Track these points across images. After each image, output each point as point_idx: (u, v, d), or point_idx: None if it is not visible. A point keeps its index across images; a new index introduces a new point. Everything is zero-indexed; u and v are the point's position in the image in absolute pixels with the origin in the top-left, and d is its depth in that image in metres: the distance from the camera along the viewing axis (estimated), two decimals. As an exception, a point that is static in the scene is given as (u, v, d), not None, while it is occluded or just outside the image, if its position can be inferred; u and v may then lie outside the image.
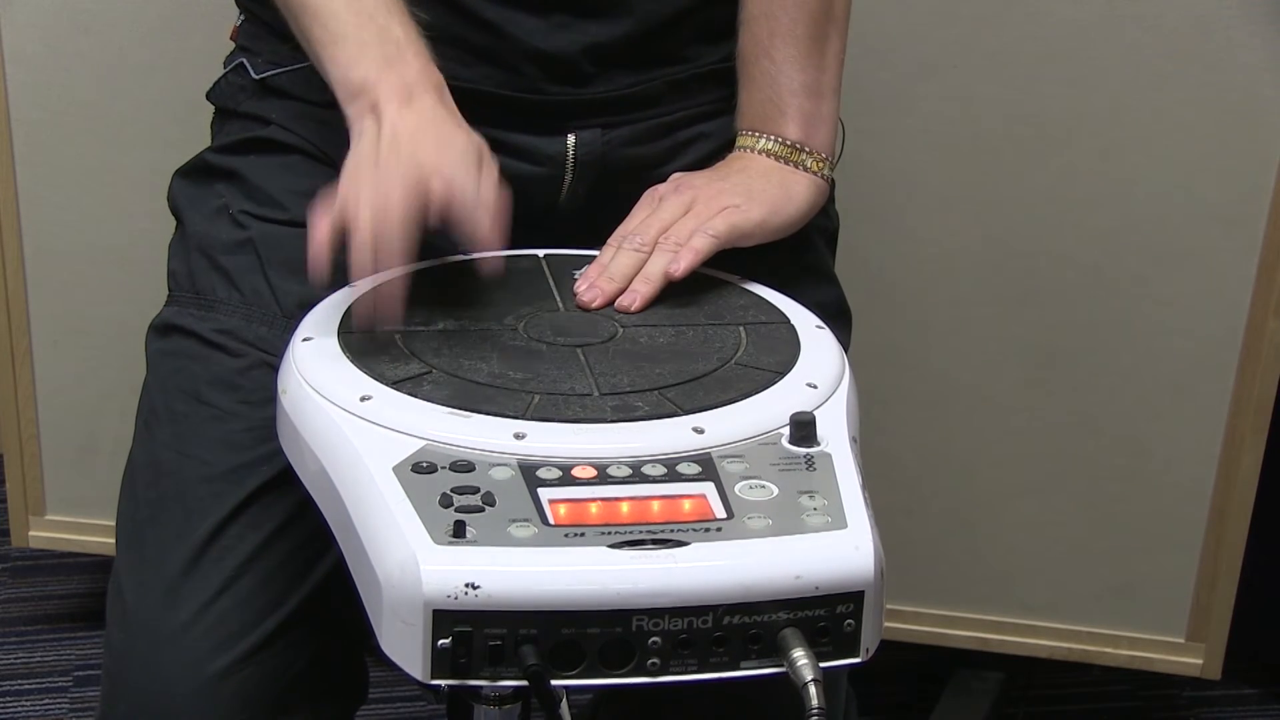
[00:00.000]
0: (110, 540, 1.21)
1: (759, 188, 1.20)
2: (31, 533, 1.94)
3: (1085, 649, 1.85)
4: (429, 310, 1.08)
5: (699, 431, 0.97)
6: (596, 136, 1.24)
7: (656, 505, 0.91)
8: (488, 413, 0.97)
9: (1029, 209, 1.70)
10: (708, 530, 0.89)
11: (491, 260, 1.12)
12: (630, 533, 0.89)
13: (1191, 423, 1.75)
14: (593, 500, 0.91)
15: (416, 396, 0.98)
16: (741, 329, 1.10)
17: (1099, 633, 1.85)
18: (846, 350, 1.13)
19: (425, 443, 0.94)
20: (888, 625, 1.24)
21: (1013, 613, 1.85)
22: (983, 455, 1.80)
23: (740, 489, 0.93)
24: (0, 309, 1.83)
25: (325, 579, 1.14)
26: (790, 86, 1.22)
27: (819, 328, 1.11)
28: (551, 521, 0.89)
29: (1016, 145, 1.68)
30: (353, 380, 1.00)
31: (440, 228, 1.06)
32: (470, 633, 0.86)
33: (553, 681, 0.87)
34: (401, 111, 1.09)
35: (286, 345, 1.06)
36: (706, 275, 1.18)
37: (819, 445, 0.97)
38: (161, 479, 1.16)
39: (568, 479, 0.92)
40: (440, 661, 0.86)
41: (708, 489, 0.92)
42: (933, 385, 1.78)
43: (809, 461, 0.95)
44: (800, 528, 0.90)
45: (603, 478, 0.92)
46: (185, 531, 1.13)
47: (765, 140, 1.22)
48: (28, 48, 1.74)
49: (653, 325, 1.10)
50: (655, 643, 0.87)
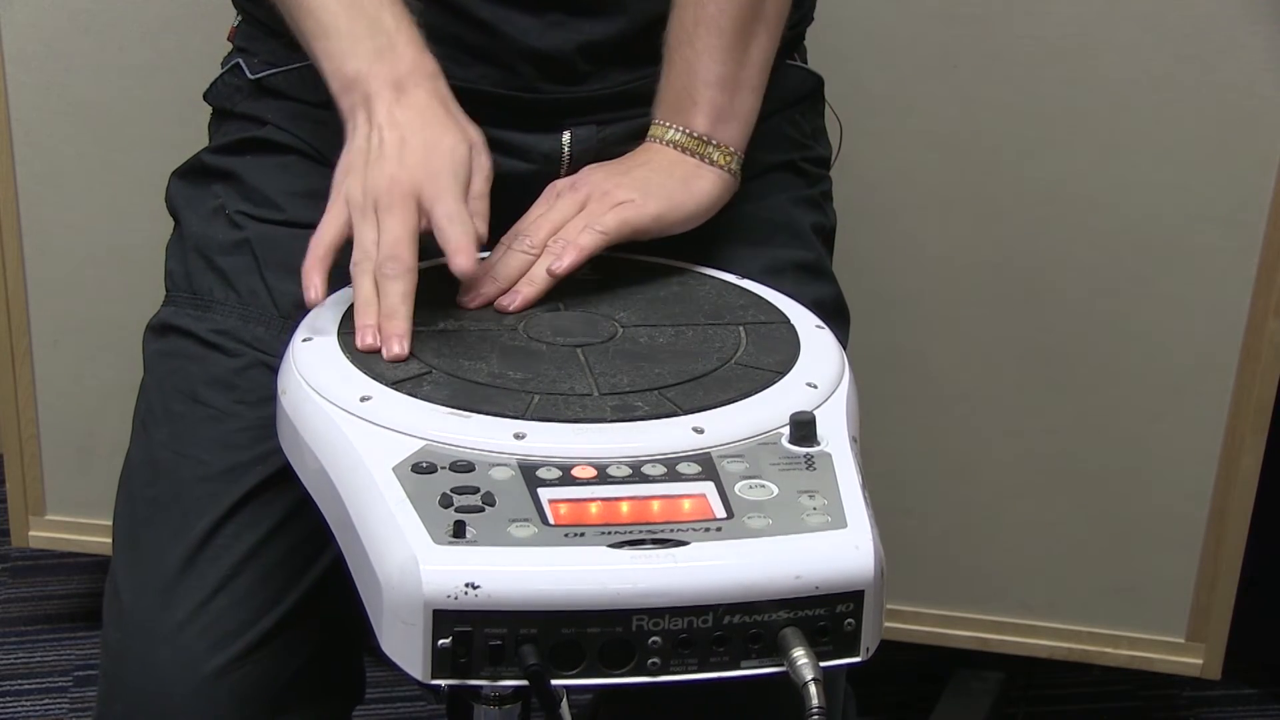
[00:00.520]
0: (110, 540, 1.21)
1: (657, 182, 1.18)
2: (31, 533, 1.94)
3: (1085, 649, 1.85)
4: (429, 310, 1.07)
5: (699, 431, 0.96)
6: (591, 134, 1.24)
7: (656, 505, 0.91)
8: (487, 413, 0.97)
9: (1029, 209, 1.70)
10: (708, 530, 0.89)
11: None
12: (630, 532, 0.88)
13: (1191, 423, 1.75)
14: (593, 500, 0.91)
15: (416, 397, 0.98)
16: (741, 329, 1.10)
17: (1099, 633, 1.84)
18: (845, 349, 1.13)
19: (425, 443, 0.94)
20: (888, 625, 1.24)
21: (1013, 613, 1.85)
22: (983, 455, 1.80)
23: (740, 489, 0.92)
24: (0, 309, 1.83)
25: (322, 578, 1.14)
26: (706, 77, 1.20)
27: (819, 327, 1.11)
28: (551, 521, 0.89)
29: (1016, 145, 1.68)
30: (352, 380, 1.00)
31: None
32: (470, 633, 0.86)
33: (553, 681, 0.86)
34: (392, 108, 1.09)
35: (286, 346, 1.06)
36: (706, 275, 1.18)
37: (819, 445, 0.97)
38: (158, 479, 1.16)
39: (568, 479, 0.92)
40: (440, 661, 0.86)
41: (708, 489, 0.92)
42: (932, 385, 1.78)
43: (809, 461, 0.95)
44: (800, 527, 0.90)
45: (603, 477, 0.92)
46: (182, 531, 1.13)
47: (673, 131, 1.20)
48: (28, 48, 1.74)
49: (652, 325, 1.10)
50: (655, 642, 0.87)
